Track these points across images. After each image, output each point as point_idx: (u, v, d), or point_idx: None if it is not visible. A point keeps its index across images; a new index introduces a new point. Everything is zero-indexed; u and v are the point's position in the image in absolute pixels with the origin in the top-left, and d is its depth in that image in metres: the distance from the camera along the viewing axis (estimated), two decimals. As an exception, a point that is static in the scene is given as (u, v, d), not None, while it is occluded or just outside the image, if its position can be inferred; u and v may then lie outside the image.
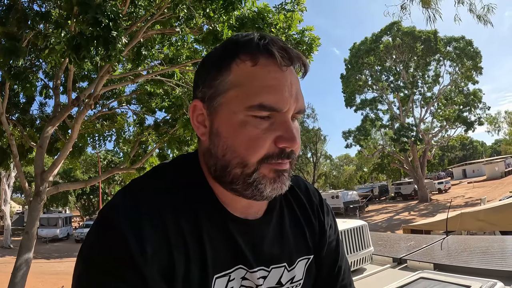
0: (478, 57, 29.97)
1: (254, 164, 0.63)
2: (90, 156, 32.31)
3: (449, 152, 65.99)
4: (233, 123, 0.63)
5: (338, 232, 0.90)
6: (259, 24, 6.40)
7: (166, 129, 10.29)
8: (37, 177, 6.98)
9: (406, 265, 2.93)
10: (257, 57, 0.63)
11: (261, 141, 0.61)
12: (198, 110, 0.69)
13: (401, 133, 28.58)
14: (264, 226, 0.74)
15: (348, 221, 3.05)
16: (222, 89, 0.65)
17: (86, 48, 4.72)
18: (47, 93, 9.31)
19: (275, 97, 0.62)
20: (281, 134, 0.62)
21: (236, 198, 0.69)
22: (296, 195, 0.83)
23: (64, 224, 27.75)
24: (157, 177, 0.69)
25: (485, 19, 7.75)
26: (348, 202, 30.86)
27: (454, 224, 6.22)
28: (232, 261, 0.67)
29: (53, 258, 18.08)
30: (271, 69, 0.63)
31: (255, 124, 0.62)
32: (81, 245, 0.61)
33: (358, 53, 31.91)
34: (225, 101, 0.64)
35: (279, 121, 0.63)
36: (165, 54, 8.59)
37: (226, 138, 0.63)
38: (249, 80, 0.63)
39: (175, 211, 0.63)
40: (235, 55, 0.64)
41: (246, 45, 0.64)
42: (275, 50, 0.63)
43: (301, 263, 0.78)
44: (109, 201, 0.65)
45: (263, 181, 0.64)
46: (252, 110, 0.61)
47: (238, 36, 0.67)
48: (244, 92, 0.62)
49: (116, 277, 0.55)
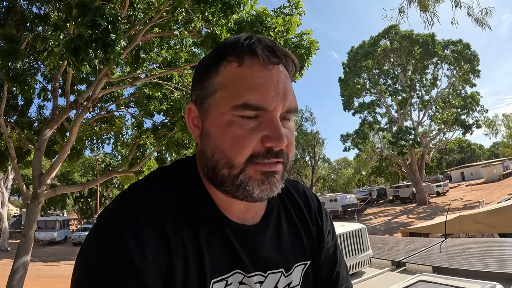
0: (476, 60, 30.09)
1: (240, 165, 0.62)
2: (88, 159, 32.18)
3: (447, 155, 66.12)
4: (221, 123, 0.63)
5: (336, 238, 0.90)
6: (258, 27, 6.41)
7: (164, 132, 10.28)
8: (35, 179, 6.96)
9: (405, 268, 2.93)
10: (243, 57, 0.64)
11: (247, 141, 0.61)
12: (192, 113, 0.71)
13: (399, 136, 28.60)
14: (261, 232, 0.74)
15: (346, 224, 3.05)
16: (211, 91, 0.66)
17: (85, 51, 4.71)
18: (46, 95, 9.31)
19: (260, 96, 0.61)
20: (267, 133, 0.62)
21: (232, 202, 0.69)
22: (294, 200, 0.83)
23: (62, 227, 27.64)
24: (156, 181, 0.69)
25: (483, 22, 7.78)
26: (346, 205, 30.81)
27: (452, 227, 6.23)
28: (229, 265, 0.67)
29: (50, 261, 17.98)
30: (256, 68, 0.63)
31: (241, 124, 0.62)
32: (79, 249, 0.61)
33: (356, 57, 31.99)
34: (213, 103, 0.65)
35: (266, 120, 0.62)
36: (164, 57, 8.59)
37: (215, 139, 0.64)
38: (235, 80, 0.63)
39: (174, 217, 0.63)
40: (223, 57, 0.65)
41: (232, 46, 0.65)
42: (259, 49, 0.63)
43: (298, 269, 0.78)
44: (108, 206, 0.64)
45: (250, 183, 0.63)
46: (238, 109, 0.61)
47: (227, 39, 0.68)
48: (230, 92, 0.63)
49: (116, 283, 0.55)
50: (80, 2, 4.80)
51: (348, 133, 32.24)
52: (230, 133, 0.62)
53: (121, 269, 0.55)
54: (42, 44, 5.91)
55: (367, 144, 32.61)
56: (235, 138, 0.62)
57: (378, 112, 33.29)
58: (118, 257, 0.56)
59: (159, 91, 9.42)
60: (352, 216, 28.38)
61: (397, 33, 30.51)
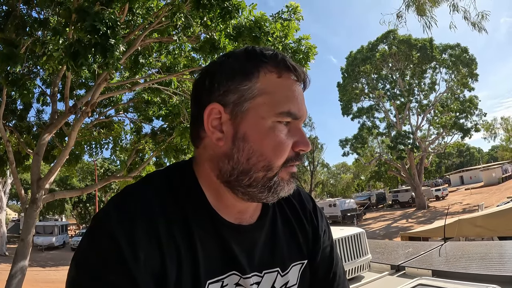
0: (474, 64, 30.23)
1: (277, 168, 0.67)
2: (86, 164, 32.18)
3: (446, 159, 66.25)
4: (262, 128, 0.66)
5: (332, 238, 0.91)
6: (256, 33, 6.44)
7: (163, 138, 10.27)
8: (33, 184, 6.94)
9: (404, 272, 2.92)
10: (281, 70, 0.69)
11: (286, 146, 0.67)
12: (214, 114, 0.69)
13: (398, 141, 28.65)
14: (257, 232, 0.75)
15: (345, 228, 3.05)
16: (249, 95, 0.67)
17: (84, 56, 4.72)
18: (45, 100, 9.32)
19: (297, 107, 0.68)
20: (298, 140, 0.68)
21: (232, 203, 0.71)
22: (289, 200, 0.84)
23: (60, 232, 27.50)
24: (151, 184, 0.69)
25: (480, 26, 7.83)
26: (345, 210, 30.78)
27: (452, 230, 6.23)
28: (225, 267, 0.68)
29: (48, 266, 17.88)
30: (292, 82, 0.70)
31: (281, 130, 0.67)
32: (75, 251, 0.62)
33: (355, 62, 32.12)
34: (252, 107, 0.67)
35: (294, 127, 0.69)
36: (163, 62, 8.62)
37: (253, 143, 0.66)
38: (277, 89, 0.68)
39: (167, 218, 0.64)
40: (263, 65, 0.69)
41: (272, 58, 0.69)
42: (297, 68, 0.71)
43: (295, 268, 0.79)
44: (102, 208, 0.66)
45: (281, 183, 0.68)
46: (281, 116, 0.66)
47: (261, 49, 0.71)
48: (273, 99, 0.67)
49: (109, 283, 0.56)
50: (79, 7, 4.82)
51: (347, 138, 32.41)
52: (272, 138, 0.66)
53: (114, 270, 0.57)
54: (41, 49, 5.94)
55: (366, 149, 32.69)
56: (277, 143, 0.66)
57: (376, 117, 33.48)
58: (112, 258, 0.57)
59: (158, 96, 9.43)
60: (352, 221, 28.33)
61: (395, 38, 30.67)
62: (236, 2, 6.01)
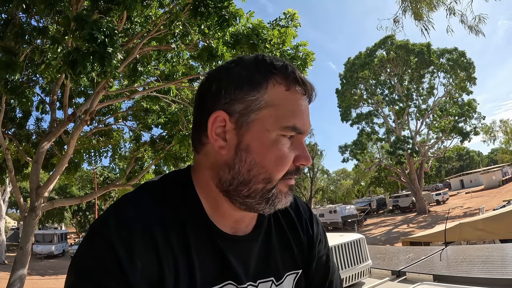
0: (472, 67, 30.33)
1: (276, 180, 0.67)
2: (86, 172, 32.10)
3: (446, 163, 66.22)
4: (265, 140, 0.66)
5: (328, 247, 0.91)
6: (254, 40, 6.46)
7: (162, 146, 10.27)
8: (32, 192, 6.92)
9: (405, 277, 2.90)
10: (290, 83, 0.68)
11: (288, 160, 0.67)
12: (219, 122, 0.67)
13: (397, 146, 28.65)
14: (252, 242, 0.75)
15: (345, 234, 3.04)
16: (256, 107, 0.66)
17: (82, 64, 4.73)
18: (44, 108, 9.33)
19: (302, 122, 0.68)
20: (300, 154, 0.68)
21: (229, 213, 0.71)
22: (285, 209, 0.83)
23: (60, 241, 27.34)
24: (148, 192, 0.69)
25: (477, 29, 7.84)
26: (346, 216, 30.67)
27: (453, 234, 6.21)
28: (221, 276, 0.68)
29: (48, 275, 17.74)
30: (299, 96, 0.69)
31: (284, 143, 0.66)
32: (72, 257, 0.63)
33: (353, 68, 32.24)
34: (258, 118, 0.66)
35: (297, 142, 0.69)
36: (161, 70, 8.64)
37: (256, 154, 0.66)
38: (284, 103, 0.67)
39: (165, 227, 0.64)
40: (272, 77, 0.68)
41: (281, 69, 0.68)
42: (306, 81, 0.70)
43: (290, 278, 0.79)
44: (100, 215, 0.65)
45: (279, 196, 0.69)
46: (286, 130, 0.66)
47: (271, 59, 0.70)
48: (279, 112, 0.66)
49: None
50: (77, 15, 4.84)
51: (347, 144, 32.36)
52: (275, 151, 0.66)
53: (111, 277, 0.57)
54: (40, 57, 5.95)
55: (365, 154, 32.67)
56: (279, 157, 0.66)
57: (375, 122, 33.47)
58: (109, 265, 0.57)
59: (156, 104, 9.45)
60: (352, 227, 28.25)
61: (393, 43, 30.81)
62: (233, 10, 6.05)
